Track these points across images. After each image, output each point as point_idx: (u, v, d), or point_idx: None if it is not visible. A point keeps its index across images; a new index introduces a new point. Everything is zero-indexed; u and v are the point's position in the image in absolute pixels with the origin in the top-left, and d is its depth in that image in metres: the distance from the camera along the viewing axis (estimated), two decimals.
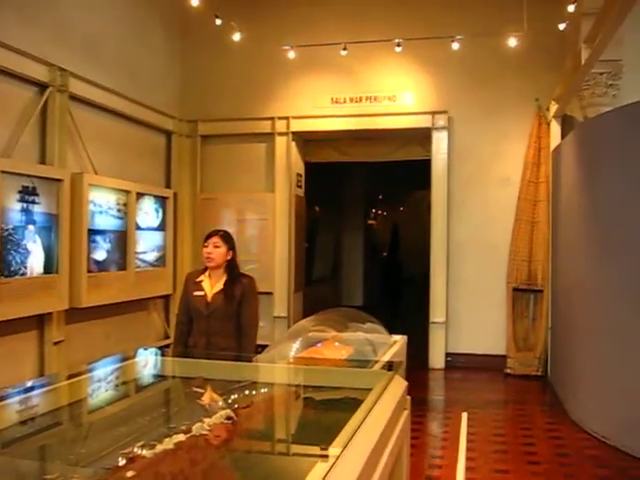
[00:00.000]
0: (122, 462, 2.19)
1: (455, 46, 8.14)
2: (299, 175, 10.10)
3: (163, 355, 4.25)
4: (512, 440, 5.76)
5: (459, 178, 8.96)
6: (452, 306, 8.93)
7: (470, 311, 8.86)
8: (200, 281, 4.64)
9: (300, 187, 10.17)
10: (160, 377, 3.84)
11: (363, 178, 15.57)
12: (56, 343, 6.85)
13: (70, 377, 3.60)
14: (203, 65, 9.79)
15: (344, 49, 8.46)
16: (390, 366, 3.67)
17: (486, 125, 8.89)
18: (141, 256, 8.40)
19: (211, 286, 4.60)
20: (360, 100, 9.26)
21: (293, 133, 9.58)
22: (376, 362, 4.58)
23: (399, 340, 6.60)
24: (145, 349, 3.96)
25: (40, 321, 6.77)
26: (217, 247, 4.59)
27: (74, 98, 7.30)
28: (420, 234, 9.26)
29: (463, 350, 8.85)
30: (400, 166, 10.25)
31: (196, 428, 2.52)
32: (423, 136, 9.16)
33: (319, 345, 5.96)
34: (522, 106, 8.67)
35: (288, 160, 9.61)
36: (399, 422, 3.22)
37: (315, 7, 9.25)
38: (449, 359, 8.90)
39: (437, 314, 8.93)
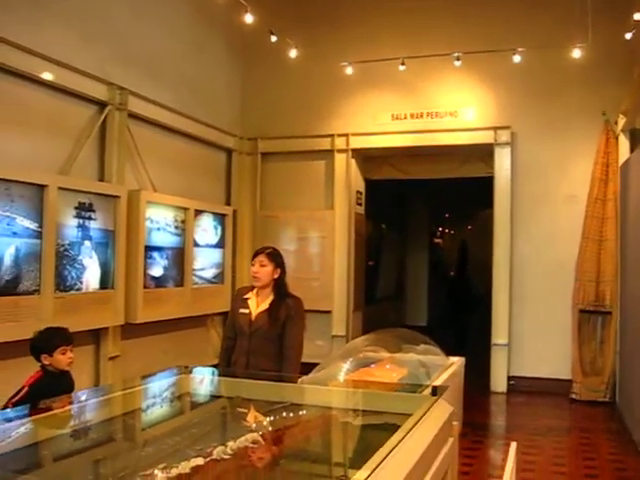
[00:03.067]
0: None
1: (516, 59, 7.91)
2: (359, 192, 9.99)
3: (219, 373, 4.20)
4: (573, 470, 5.44)
5: (523, 195, 8.66)
6: (515, 327, 8.60)
7: (534, 333, 8.51)
8: (247, 298, 4.54)
9: (360, 205, 10.06)
10: (199, 396, 3.78)
11: (428, 195, 15.31)
12: (112, 358, 6.91)
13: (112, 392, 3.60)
14: (263, 83, 9.83)
15: (402, 64, 8.33)
16: (434, 390, 3.48)
17: (551, 140, 8.57)
18: (199, 273, 8.44)
19: (257, 305, 4.48)
20: (421, 116, 9.10)
21: (353, 150, 9.50)
22: (427, 386, 4.41)
23: (456, 362, 6.40)
24: (185, 367, 3.89)
25: (96, 336, 6.85)
26: (263, 266, 4.46)
27: (134, 116, 7.41)
28: (489, 253, 8.97)
29: (526, 373, 8.50)
30: (467, 183, 9.93)
31: (217, 452, 2.44)
32: (485, 152, 8.90)
33: (373, 366, 5.83)
34: (588, 120, 8.32)
35: (347, 177, 9.52)
36: (442, 449, 3.05)
37: (374, 23, 9.16)
38: (512, 382, 8.55)
39: (499, 335, 8.61)
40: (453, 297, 17.66)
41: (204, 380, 3.95)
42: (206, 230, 8.66)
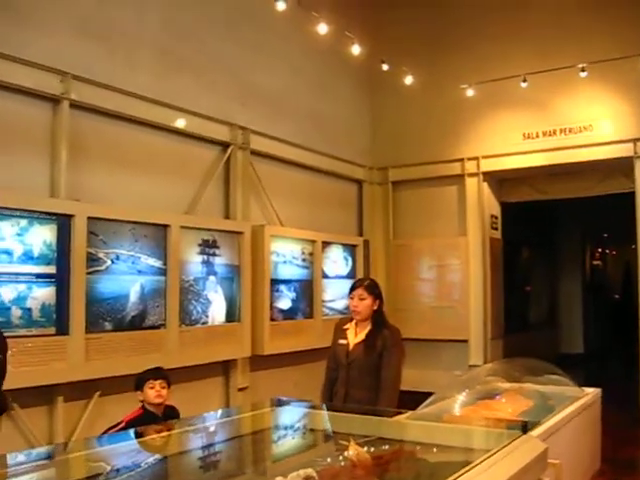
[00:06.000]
0: None
1: None
2: (494, 217, 9.67)
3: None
4: None
5: None
6: None
7: None
8: (346, 329, 4.56)
9: (496, 229, 9.73)
10: (286, 428, 3.80)
11: (579, 214, 14.48)
12: (241, 389, 7.11)
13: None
14: (390, 112, 9.83)
15: (524, 81, 8.03)
16: (525, 426, 3.26)
17: None
18: (329, 304, 8.50)
19: (355, 335, 4.48)
20: (554, 133, 8.68)
21: (484, 173, 9.24)
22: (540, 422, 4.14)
23: (590, 394, 5.95)
24: (280, 400, 3.93)
25: (226, 367, 7.09)
26: (362, 299, 4.44)
27: (258, 154, 7.66)
28: None
29: None
30: (626, 199, 9.19)
31: None
32: (627, 166, 8.31)
33: (498, 398, 5.56)
34: None
35: (480, 201, 9.26)
36: None
37: (497, 42, 8.88)
38: None
39: None
40: (617, 322, 16.55)
41: (297, 412, 3.96)
42: (336, 262, 8.73)
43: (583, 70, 7.75)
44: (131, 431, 3.68)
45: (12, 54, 5.17)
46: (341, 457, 2.99)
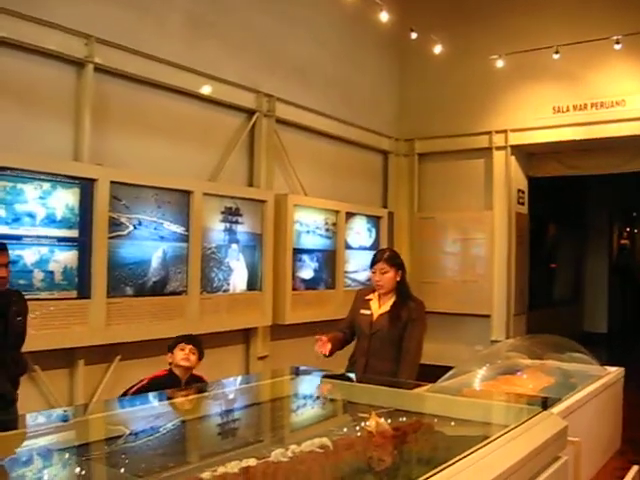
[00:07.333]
0: None
1: None
2: (521, 191, 9.53)
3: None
4: None
5: None
6: None
7: None
8: (369, 299, 4.53)
9: (522, 204, 9.59)
10: (303, 397, 3.79)
11: (608, 193, 14.23)
12: (261, 358, 7.12)
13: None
14: (418, 83, 9.69)
15: (556, 52, 7.84)
16: (545, 403, 3.21)
17: None
18: (352, 275, 8.47)
19: (379, 306, 4.45)
20: (585, 107, 8.48)
21: (512, 147, 9.08)
22: (561, 398, 4.08)
23: (612, 372, 5.87)
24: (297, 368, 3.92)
25: (246, 336, 7.10)
26: (385, 273, 4.38)
27: (283, 122, 7.59)
28: None
29: None
30: None
31: (275, 454, 2.40)
32: None
33: (519, 374, 5.51)
34: None
35: (507, 175, 9.12)
36: (547, 468, 2.80)
37: (528, 15, 8.62)
38: None
39: None
40: None
41: (316, 382, 3.94)
42: (359, 233, 8.67)
43: (617, 42, 7.55)
44: (150, 395, 3.70)
45: (38, 16, 5.13)
46: (358, 427, 2.96)
